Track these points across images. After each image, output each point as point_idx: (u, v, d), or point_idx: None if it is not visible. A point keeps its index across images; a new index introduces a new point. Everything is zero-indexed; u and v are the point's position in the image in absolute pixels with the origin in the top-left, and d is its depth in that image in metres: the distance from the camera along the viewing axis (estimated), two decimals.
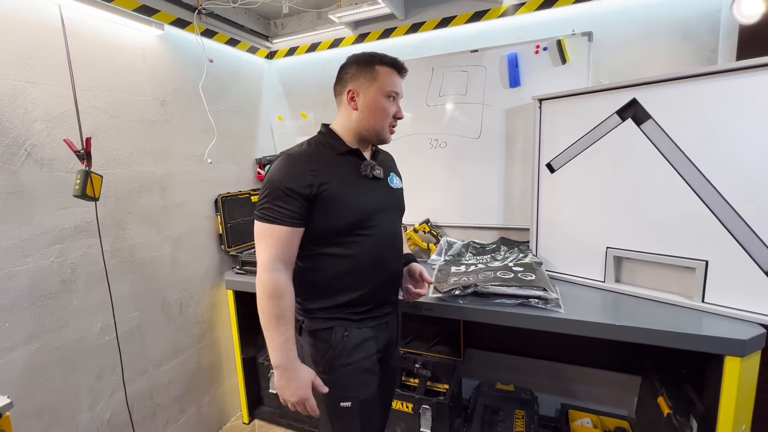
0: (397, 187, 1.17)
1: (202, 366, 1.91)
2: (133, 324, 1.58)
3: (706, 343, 1.14)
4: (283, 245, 0.95)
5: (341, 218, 0.99)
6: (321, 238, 1.00)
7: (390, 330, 1.16)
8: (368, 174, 1.05)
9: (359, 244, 1.02)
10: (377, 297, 1.08)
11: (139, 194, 1.59)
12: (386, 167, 1.15)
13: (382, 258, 1.07)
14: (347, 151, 1.05)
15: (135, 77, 1.57)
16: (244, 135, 2.15)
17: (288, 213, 0.94)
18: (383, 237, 1.07)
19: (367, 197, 1.03)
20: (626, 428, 1.70)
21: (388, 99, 1.04)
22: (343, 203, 0.98)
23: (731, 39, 1.47)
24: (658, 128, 1.33)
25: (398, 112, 1.07)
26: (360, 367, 1.05)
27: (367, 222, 1.02)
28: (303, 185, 0.94)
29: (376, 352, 1.09)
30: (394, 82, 1.05)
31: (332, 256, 1.01)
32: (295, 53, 2.21)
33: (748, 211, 1.18)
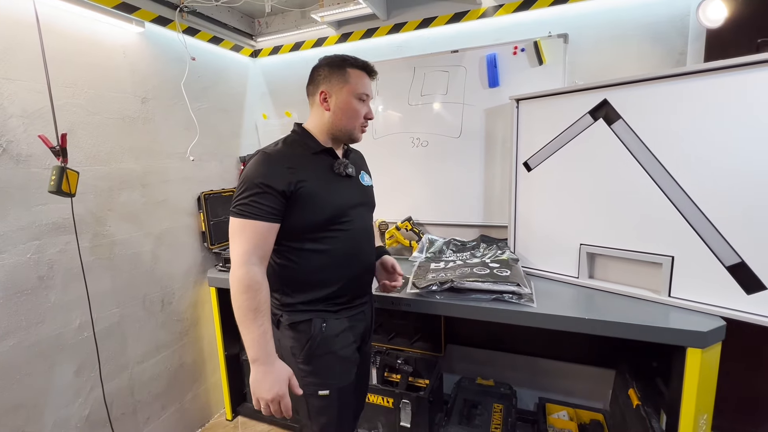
0: (368, 185, 1.22)
1: (185, 363, 1.91)
2: (114, 321, 1.58)
3: (670, 335, 1.18)
4: (259, 240, 0.97)
5: (317, 214, 1.02)
6: (298, 234, 1.04)
7: (365, 320, 1.22)
8: (341, 172, 1.10)
9: (334, 239, 1.06)
10: (353, 289, 1.14)
11: (120, 191, 1.59)
12: (357, 165, 1.20)
13: (356, 252, 1.12)
14: (321, 150, 1.09)
15: (115, 74, 1.57)
16: (227, 133, 2.16)
17: (265, 209, 0.96)
18: (357, 232, 1.12)
19: (341, 194, 1.08)
20: (600, 421, 1.75)
21: (359, 100, 1.09)
22: (319, 200, 1.02)
23: (699, 42, 1.52)
24: (627, 128, 1.37)
25: (369, 112, 1.12)
26: (340, 355, 1.09)
27: (341, 218, 1.06)
28: (281, 182, 0.97)
29: (353, 341, 1.14)
30: (365, 84, 1.10)
31: (309, 251, 1.05)
32: (279, 52, 2.23)
33: (711, 209, 1.22)
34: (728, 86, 1.16)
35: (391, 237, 2.04)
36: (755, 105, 1.12)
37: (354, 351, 1.15)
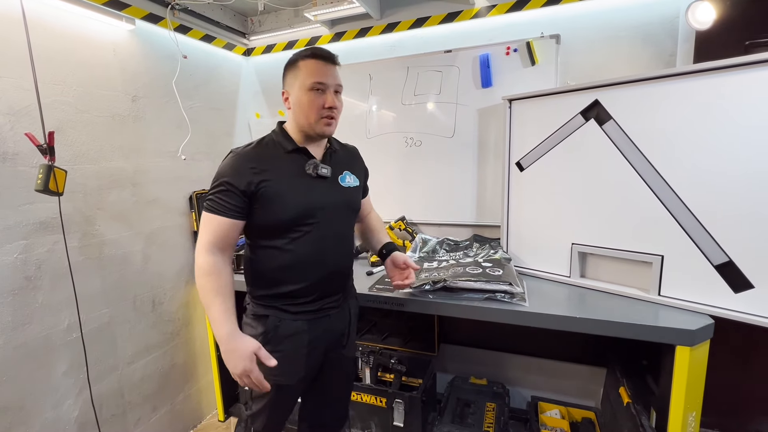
0: (349, 186, 1.17)
1: (176, 364, 1.90)
2: (103, 321, 1.56)
3: (659, 333, 1.19)
4: (219, 233, 1.01)
5: (279, 214, 1.04)
6: (263, 231, 1.07)
7: (334, 323, 1.18)
8: (311, 172, 1.08)
9: (299, 240, 1.06)
10: (317, 291, 1.12)
11: (109, 190, 1.57)
12: (340, 165, 1.17)
13: (322, 254, 1.10)
14: (294, 149, 1.09)
15: (105, 72, 1.55)
16: (220, 132, 2.14)
17: (227, 205, 1.01)
18: (325, 234, 1.10)
19: (308, 195, 1.07)
20: (592, 418, 1.76)
21: (313, 91, 1.03)
22: (281, 200, 1.04)
23: (689, 44, 1.54)
24: (618, 128, 1.38)
25: (327, 101, 1.04)
26: (286, 356, 1.09)
27: (306, 219, 1.06)
28: (242, 182, 1.00)
29: (310, 344, 1.12)
30: (316, 72, 1.03)
31: (274, 248, 1.07)
32: (272, 51, 2.22)
33: (700, 209, 1.23)
34: (717, 87, 1.18)
35: None
36: (743, 106, 1.13)
37: (304, 354, 1.12)
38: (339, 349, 1.22)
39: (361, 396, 1.82)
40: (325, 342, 1.17)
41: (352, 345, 1.28)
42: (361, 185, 1.24)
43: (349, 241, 1.21)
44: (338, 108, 1.08)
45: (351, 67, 2.07)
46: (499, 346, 2.07)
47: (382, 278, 1.71)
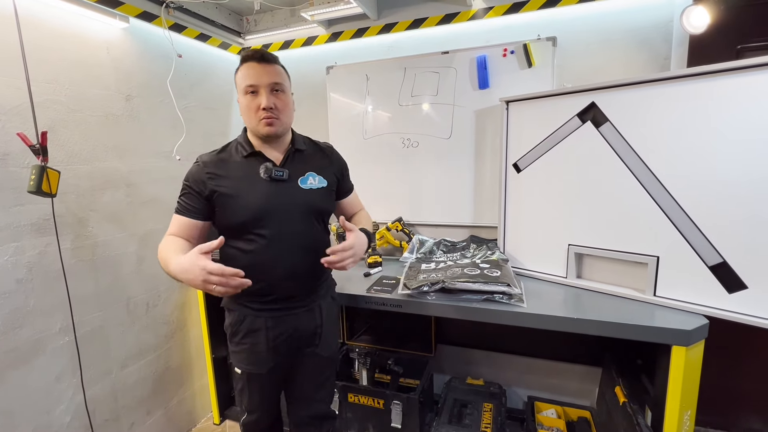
0: (310, 188, 1.17)
1: (171, 366, 1.87)
2: (96, 324, 1.53)
3: (656, 333, 1.21)
4: (179, 229, 1.10)
5: (233, 217, 1.09)
6: (224, 233, 1.11)
7: (303, 322, 1.20)
8: (264, 176, 1.10)
9: (255, 241, 1.11)
10: (277, 292, 1.15)
11: (103, 191, 1.54)
12: (303, 167, 1.17)
13: (279, 256, 1.12)
14: (249, 153, 1.12)
15: (98, 71, 1.52)
16: (215, 132, 2.12)
17: (186, 206, 1.10)
18: (281, 236, 1.11)
19: (261, 198, 1.09)
20: (588, 418, 1.78)
21: (248, 95, 1.08)
22: (234, 204, 1.08)
23: (682, 48, 1.56)
24: (614, 131, 1.40)
25: (262, 102, 1.06)
26: (249, 349, 1.17)
27: (260, 221, 1.09)
28: (198, 185, 1.09)
29: (272, 339, 1.17)
30: (247, 75, 1.07)
31: (235, 249, 1.12)
32: (269, 50, 2.19)
33: (695, 210, 1.25)
34: (711, 91, 1.19)
35: (381, 237, 2.03)
36: (737, 109, 1.15)
37: (268, 349, 1.17)
38: (312, 347, 1.24)
39: (358, 398, 1.81)
40: (295, 339, 1.20)
41: (329, 345, 1.29)
42: (329, 186, 1.22)
43: (314, 242, 1.18)
44: (278, 107, 1.08)
45: (348, 68, 2.06)
46: (495, 347, 2.07)
47: (380, 280, 1.70)
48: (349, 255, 1.07)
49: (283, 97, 1.10)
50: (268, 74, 1.07)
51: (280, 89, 1.09)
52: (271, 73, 1.07)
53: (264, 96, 1.06)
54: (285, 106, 1.11)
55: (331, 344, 1.31)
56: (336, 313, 1.35)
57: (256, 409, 1.26)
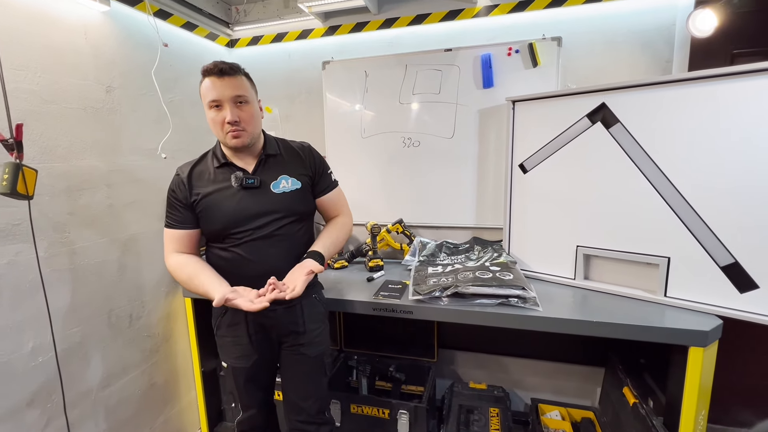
0: (282, 191, 1.19)
1: (156, 383, 1.72)
2: (74, 341, 1.37)
3: (673, 335, 1.20)
4: (175, 243, 1.19)
5: (211, 225, 1.16)
6: (207, 237, 1.22)
7: (282, 319, 1.22)
8: (235, 185, 1.15)
9: (234, 246, 1.17)
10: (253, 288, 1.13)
11: (81, 192, 1.39)
12: (275, 171, 1.20)
13: (257, 259, 1.17)
14: (222, 164, 1.17)
15: (75, 58, 1.37)
16: (202, 128, 1.96)
17: (175, 218, 1.18)
18: (258, 239, 1.16)
19: (235, 206, 1.15)
20: (591, 418, 1.78)
21: (212, 109, 1.10)
22: (211, 212, 1.15)
23: (684, 51, 1.59)
24: (625, 131, 1.39)
25: (226, 116, 1.08)
26: (234, 342, 1.24)
27: (235, 227, 1.15)
28: (181, 196, 1.16)
29: (254, 333, 1.22)
30: (209, 90, 1.09)
31: (217, 250, 1.20)
32: (258, 43, 2.08)
33: (706, 211, 1.26)
34: (723, 94, 1.20)
35: (382, 240, 1.96)
36: (748, 112, 1.16)
37: (248, 343, 1.22)
38: (296, 346, 1.25)
39: (361, 408, 1.73)
40: (276, 335, 1.25)
41: (315, 344, 1.28)
42: (304, 187, 1.23)
43: (291, 242, 1.22)
44: (243, 119, 1.10)
45: (345, 63, 1.97)
46: (495, 350, 2.05)
47: (385, 284, 1.63)
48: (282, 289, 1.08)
49: (247, 109, 1.12)
50: (229, 88, 1.08)
51: (244, 101, 1.11)
52: (233, 86, 1.09)
53: (228, 110, 1.09)
54: (250, 117, 1.13)
55: (319, 344, 1.29)
56: (321, 313, 1.33)
57: (248, 405, 1.32)
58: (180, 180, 1.17)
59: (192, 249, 1.21)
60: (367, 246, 1.93)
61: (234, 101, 1.09)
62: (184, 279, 1.15)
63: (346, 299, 1.50)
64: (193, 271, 1.14)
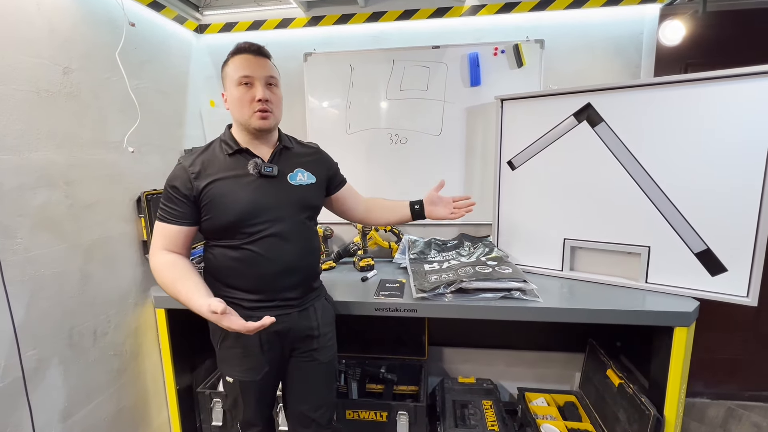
0: (299, 184, 1.15)
1: (125, 407, 1.51)
2: (29, 366, 1.15)
3: (661, 317, 1.31)
4: (167, 240, 1.06)
5: (223, 217, 1.05)
6: (213, 234, 1.09)
7: (297, 322, 1.15)
8: (253, 172, 1.07)
9: (247, 240, 1.06)
10: (267, 288, 1.10)
11: (35, 190, 1.17)
12: (291, 163, 1.15)
13: (273, 254, 1.08)
14: (236, 150, 1.09)
15: (26, 31, 1.15)
16: (170, 121, 1.78)
17: (172, 212, 1.05)
18: (275, 234, 1.08)
19: (252, 196, 1.06)
20: (574, 402, 1.88)
21: (242, 86, 1.05)
22: (222, 203, 1.04)
23: (650, 58, 1.74)
24: (609, 130, 1.49)
25: (257, 94, 1.04)
26: (243, 353, 1.12)
27: (251, 219, 1.06)
28: (184, 188, 1.04)
29: (267, 341, 1.11)
30: (242, 66, 1.05)
31: (225, 248, 1.09)
32: (232, 30, 1.92)
33: (682, 203, 1.38)
34: (697, 96, 1.33)
35: (371, 239, 1.91)
36: (720, 112, 1.29)
37: (262, 352, 1.12)
38: (309, 351, 1.19)
39: (358, 413, 1.67)
40: (289, 340, 1.16)
41: (327, 349, 1.23)
42: (318, 182, 1.20)
43: (307, 238, 1.17)
44: (272, 101, 1.07)
45: (329, 56, 1.90)
46: (481, 343, 2.10)
47: (382, 284, 1.59)
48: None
49: (276, 92, 1.09)
50: (263, 67, 1.06)
51: (274, 83, 1.09)
52: (266, 67, 1.07)
53: (260, 88, 1.04)
54: (278, 101, 1.10)
55: (331, 348, 1.26)
56: (332, 315, 1.31)
57: (252, 422, 1.20)
58: (183, 170, 1.05)
59: (183, 248, 1.09)
60: (355, 245, 1.87)
61: (266, 81, 1.06)
62: (167, 281, 1.02)
63: (349, 301, 1.43)
64: (181, 274, 1.03)
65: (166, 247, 1.06)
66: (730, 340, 2.02)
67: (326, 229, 1.94)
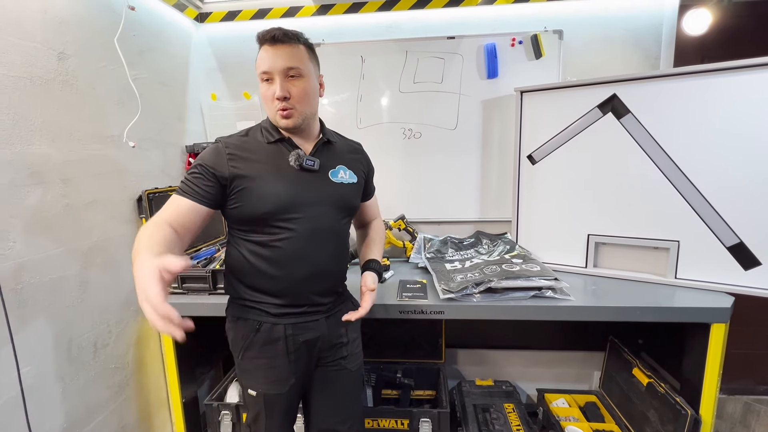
0: (341, 182, 1.07)
1: (127, 425, 1.39)
2: (26, 384, 1.03)
3: (697, 313, 1.27)
4: (177, 213, 0.90)
5: (256, 206, 0.96)
6: (241, 224, 0.99)
7: (327, 328, 1.07)
8: (294, 164, 0.99)
9: (280, 235, 0.98)
10: (297, 292, 1.02)
11: (29, 188, 1.06)
12: (333, 159, 1.08)
13: (306, 252, 1.00)
14: (278, 139, 1.01)
15: (17, 13, 1.04)
16: (170, 114, 1.67)
17: (194, 188, 0.93)
18: (310, 231, 1.00)
19: (290, 188, 0.98)
20: (595, 402, 1.84)
21: (264, 82, 0.97)
22: (258, 191, 0.96)
23: (670, 49, 1.71)
24: (636, 122, 1.44)
25: (276, 92, 0.94)
26: (268, 364, 1.03)
27: (287, 213, 0.97)
28: (217, 167, 0.94)
29: (294, 350, 1.03)
30: (261, 60, 0.96)
31: (254, 243, 0.99)
32: (236, 18, 1.81)
33: (713, 196, 1.34)
34: (726, 86, 1.30)
35: None
36: (758, 100, 1.26)
37: (289, 363, 1.03)
38: (338, 360, 1.11)
39: (377, 422, 1.59)
40: (318, 349, 1.07)
41: (355, 356, 1.16)
42: (359, 183, 1.13)
43: (340, 240, 1.10)
44: (295, 95, 0.96)
45: (339, 47, 1.81)
46: (496, 344, 2.04)
47: (403, 285, 1.51)
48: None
49: (300, 83, 0.96)
50: (282, 58, 0.94)
51: (297, 74, 0.95)
52: (285, 57, 0.94)
53: (277, 84, 0.94)
54: (303, 94, 0.97)
55: (359, 356, 1.18)
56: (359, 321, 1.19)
57: None
58: (220, 148, 0.96)
59: (190, 230, 0.92)
60: None
61: (285, 74, 0.94)
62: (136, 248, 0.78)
63: (375, 304, 1.34)
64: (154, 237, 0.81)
65: (172, 221, 0.88)
66: (746, 335, 2.01)
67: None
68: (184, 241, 0.91)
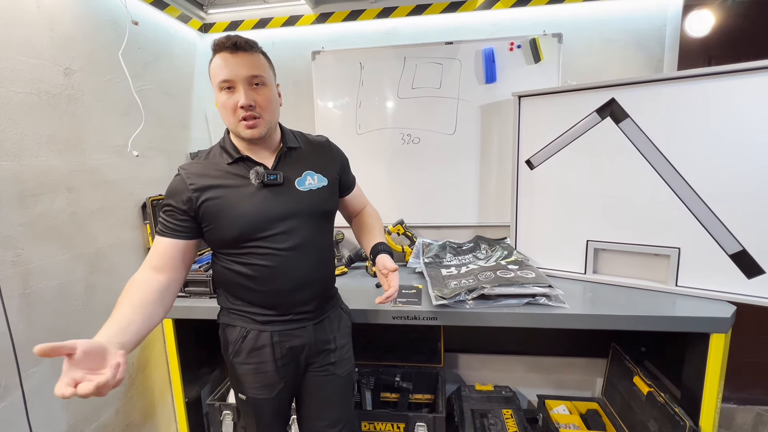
0: (309, 189, 1.03)
1: (132, 423, 1.45)
2: (32, 384, 1.10)
3: (697, 323, 1.24)
4: (160, 256, 0.94)
5: (226, 232, 0.96)
6: (216, 246, 1.02)
7: (314, 334, 1.08)
8: (255, 182, 0.96)
9: (254, 254, 0.98)
10: (282, 303, 1.03)
11: (37, 198, 1.12)
12: (298, 166, 1.04)
13: (285, 267, 1.00)
14: (236, 159, 0.98)
15: (25, 30, 1.10)
16: (174, 123, 1.72)
17: (169, 225, 0.96)
18: (287, 245, 0.99)
19: (256, 207, 0.96)
20: (597, 409, 1.81)
21: (224, 91, 0.93)
22: (224, 216, 0.95)
23: (674, 51, 1.67)
24: (635, 126, 1.42)
25: (240, 100, 0.91)
26: (255, 369, 1.05)
27: (258, 232, 0.97)
28: (181, 201, 0.95)
29: (281, 356, 1.05)
30: (220, 68, 0.91)
31: (233, 260, 1.01)
32: (238, 28, 1.86)
33: (715, 202, 1.31)
34: (728, 89, 1.26)
35: None
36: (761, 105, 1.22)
37: (277, 368, 1.05)
38: (326, 366, 1.12)
39: (374, 425, 1.61)
40: (305, 356, 1.09)
41: (345, 362, 1.16)
42: (331, 184, 1.09)
43: (321, 250, 1.08)
44: (260, 104, 0.93)
45: (338, 54, 1.84)
46: (497, 349, 2.03)
47: (398, 290, 1.52)
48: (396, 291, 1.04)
49: (264, 92, 0.94)
50: (244, 66, 0.91)
51: (261, 82, 0.93)
52: (248, 65, 0.91)
53: (242, 92, 0.91)
54: (268, 102, 0.95)
55: (348, 361, 1.18)
56: (349, 326, 1.24)
57: None
58: (182, 181, 0.95)
59: (179, 266, 0.96)
60: None
61: (249, 82, 0.91)
62: (119, 299, 0.86)
63: (365, 309, 1.37)
64: (121, 301, 0.86)
65: (156, 264, 0.93)
66: (756, 344, 1.95)
67: (337, 233, 1.87)
68: (178, 275, 0.96)
